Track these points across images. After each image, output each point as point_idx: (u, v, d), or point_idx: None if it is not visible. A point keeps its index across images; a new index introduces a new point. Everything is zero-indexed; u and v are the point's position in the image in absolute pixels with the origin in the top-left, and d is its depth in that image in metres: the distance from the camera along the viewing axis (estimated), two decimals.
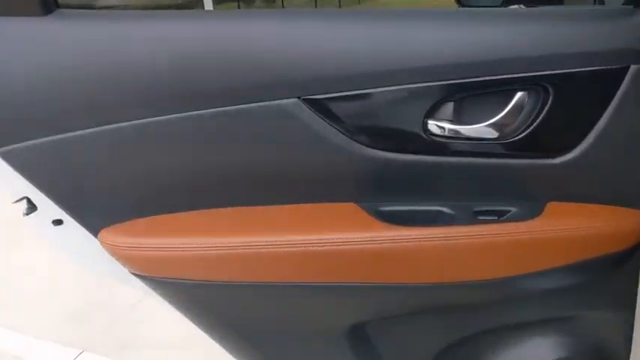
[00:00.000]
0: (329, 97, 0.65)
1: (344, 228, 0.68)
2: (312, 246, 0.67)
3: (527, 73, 0.63)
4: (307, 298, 0.74)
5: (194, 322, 0.79)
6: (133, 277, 0.75)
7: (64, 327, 1.87)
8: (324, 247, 0.67)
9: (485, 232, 0.68)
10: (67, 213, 0.71)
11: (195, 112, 0.65)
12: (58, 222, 0.73)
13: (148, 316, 1.86)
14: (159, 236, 0.70)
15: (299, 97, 0.65)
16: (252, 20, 0.65)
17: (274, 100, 0.65)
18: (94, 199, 0.71)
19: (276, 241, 0.68)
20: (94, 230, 0.72)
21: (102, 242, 0.71)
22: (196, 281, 0.72)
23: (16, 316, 1.96)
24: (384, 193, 0.72)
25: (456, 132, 0.68)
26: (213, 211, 0.72)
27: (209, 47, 0.64)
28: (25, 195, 0.72)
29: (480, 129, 0.67)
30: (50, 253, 1.11)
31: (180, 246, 0.69)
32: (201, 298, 0.75)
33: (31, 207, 0.72)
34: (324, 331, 0.79)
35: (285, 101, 0.65)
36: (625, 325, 0.79)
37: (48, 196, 0.69)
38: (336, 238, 0.67)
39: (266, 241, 0.68)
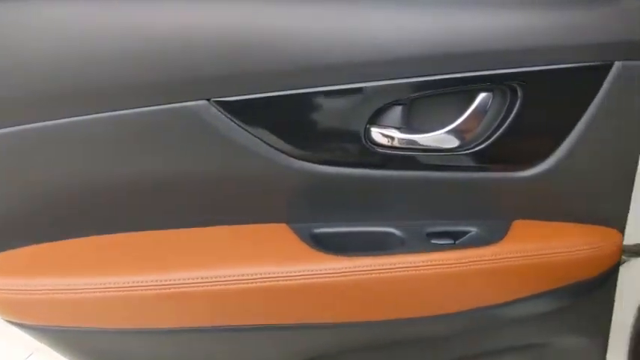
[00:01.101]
0: (247, 99, 0.53)
1: (271, 259, 0.57)
2: (232, 283, 0.55)
3: (491, 70, 0.52)
4: (227, 344, 0.63)
5: None
6: None
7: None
8: (246, 285, 0.56)
9: (445, 262, 0.57)
10: None
11: (82, 117, 0.53)
12: None
13: None
14: (38, 275, 0.57)
15: (208, 99, 0.53)
16: (149, 1, 0.52)
17: (178, 102, 0.52)
18: None
19: (186, 279, 0.56)
20: None
21: None
22: (89, 329, 0.59)
23: None
24: (317, 214, 0.61)
25: (405, 141, 0.56)
26: (104, 237, 0.60)
27: (97, 34, 0.51)
28: None
29: (433, 137, 0.56)
30: None
31: (66, 288, 0.56)
32: (97, 348, 0.63)
33: None
34: None
35: (191, 103, 0.53)
36: (599, 350, 0.71)
37: None
38: (262, 273, 0.55)
39: (173, 280, 0.55)
